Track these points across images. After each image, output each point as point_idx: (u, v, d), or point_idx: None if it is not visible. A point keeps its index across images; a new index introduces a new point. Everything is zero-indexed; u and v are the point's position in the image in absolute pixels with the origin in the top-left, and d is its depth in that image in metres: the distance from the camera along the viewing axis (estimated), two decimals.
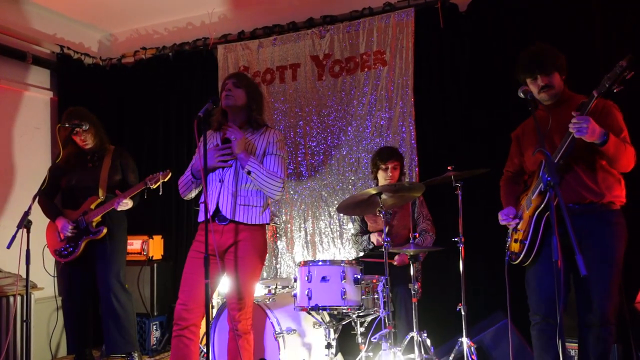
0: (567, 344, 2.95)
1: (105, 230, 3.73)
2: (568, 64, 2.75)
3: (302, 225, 4.59)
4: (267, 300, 3.37)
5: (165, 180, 3.71)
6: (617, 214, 2.63)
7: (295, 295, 3.15)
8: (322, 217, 4.52)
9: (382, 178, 3.76)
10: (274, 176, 2.75)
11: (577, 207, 2.59)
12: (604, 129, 2.44)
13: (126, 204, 3.73)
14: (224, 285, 3.10)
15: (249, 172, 2.71)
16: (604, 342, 2.56)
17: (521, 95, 2.69)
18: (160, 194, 3.74)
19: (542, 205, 2.59)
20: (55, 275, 4.04)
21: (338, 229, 4.45)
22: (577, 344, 2.75)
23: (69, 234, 3.72)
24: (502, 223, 2.85)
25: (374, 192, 3.16)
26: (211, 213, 2.74)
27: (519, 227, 2.77)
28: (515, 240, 2.80)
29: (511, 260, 2.80)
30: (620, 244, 2.60)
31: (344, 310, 3.05)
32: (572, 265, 2.36)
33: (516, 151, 2.99)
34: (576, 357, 2.85)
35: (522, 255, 2.69)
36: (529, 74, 2.70)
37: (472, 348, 3.08)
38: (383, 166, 3.73)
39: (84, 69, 5.27)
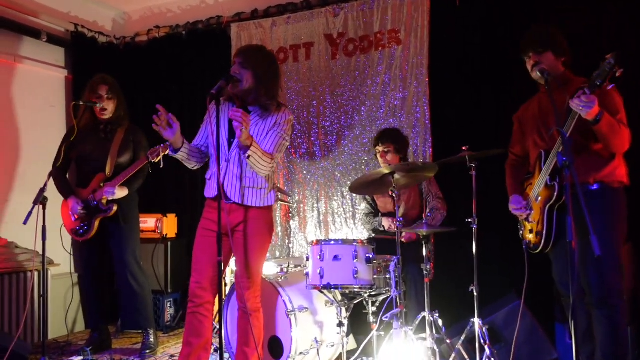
0: None
1: (115, 208, 3.76)
2: (577, 46, 2.77)
3: (315, 205, 4.59)
4: (279, 278, 3.40)
5: (166, 152, 3.71)
6: (606, 193, 2.60)
7: (307, 274, 3.16)
8: (335, 197, 4.51)
9: (380, 161, 3.77)
10: (266, 156, 2.66)
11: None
12: (601, 108, 2.43)
13: (115, 194, 3.72)
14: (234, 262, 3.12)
15: (248, 157, 2.60)
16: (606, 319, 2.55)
17: (537, 74, 2.67)
18: (161, 167, 3.76)
19: (552, 199, 2.61)
20: (72, 252, 4.10)
21: (351, 209, 4.45)
22: None
23: (80, 214, 3.76)
24: (514, 213, 2.88)
25: (386, 171, 3.15)
26: (217, 191, 2.62)
27: (530, 218, 2.79)
28: (530, 231, 2.80)
29: (530, 249, 2.82)
30: (608, 220, 2.55)
31: (356, 289, 3.05)
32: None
33: (519, 133, 3.01)
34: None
35: (541, 246, 2.70)
36: (524, 53, 2.75)
37: (484, 329, 3.07)
38: (376, 150, 3.78)
39: (98, 48, 5.28)
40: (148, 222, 4.71)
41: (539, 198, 2.71)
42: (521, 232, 2.92)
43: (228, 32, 4.94)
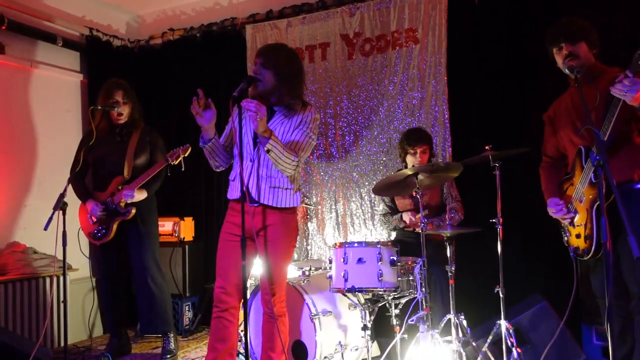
0: None
1: (134, 211, 3.75)
2: (602, 43, 2.65)
3: (333, 207, 4.55)
4: (302, 282, 3.36)
5: (186, 155, 3.73)
6: None
7: (330, 277, 3.12)
8: (353, 199, 4.47)
9: (411, 162, 3.71)
10: (289, 152, 2.59)
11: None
12: None
13: (134, 196, 3.70)
14: (257, 267, 3.09)
15: (268, 151, 2.55)
16: None
17: (566, 71, 2.61)
18: (183, 170, 3.75)
19: None
20: (89, 256, 4.09)
21: (369, 210, 4.40)
22: None
23: (99, 217, 3.75)
24: (556, 216, 2.71)
25: (410, 172, 3.11)
26: (240, 193, 2.56)
27: (575, 221, 2.61)
28: (577, 236, 2.61)
29: (578, 256, 2.63)
30: None
31: (381, 292, 3.02)
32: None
33: (550, 133, 2.87)
34: None
35: (592, 251, 2.49)
36: (555, 43, 2.64)
37: (510, 330, 3.02)
38: (411, 150, 3.70)
39: (112, 51, 5.27)
40: (165, 226, 4.70)
41: (584, 198, 2.53)
42: (566, 238, 2.73)
43: (243, 34, 4.92)
